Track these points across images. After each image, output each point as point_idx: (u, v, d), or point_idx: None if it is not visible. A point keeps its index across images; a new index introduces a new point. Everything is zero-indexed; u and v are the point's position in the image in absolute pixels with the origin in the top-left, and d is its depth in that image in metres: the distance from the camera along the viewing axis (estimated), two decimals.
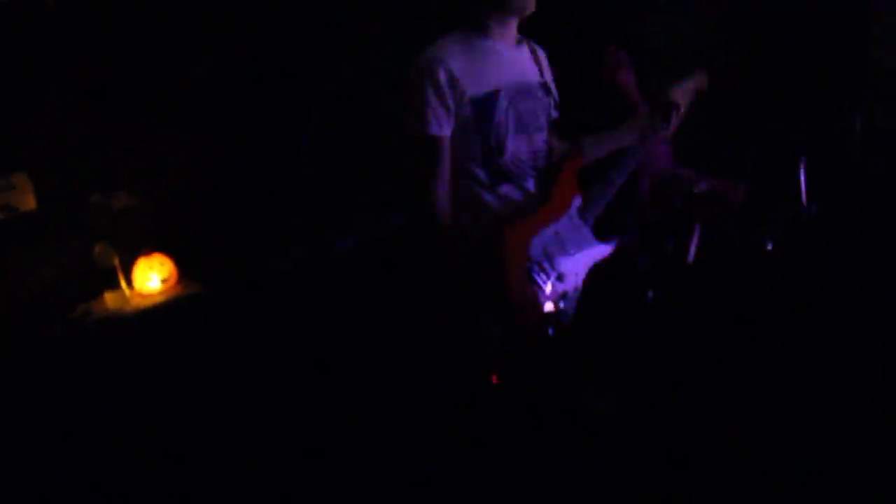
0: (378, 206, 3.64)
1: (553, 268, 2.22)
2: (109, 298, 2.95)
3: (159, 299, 2.98)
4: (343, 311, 3.29)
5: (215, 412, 2.88)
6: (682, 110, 2.38)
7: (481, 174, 2.15)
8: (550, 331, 2.23)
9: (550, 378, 2.46)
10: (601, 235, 2.36)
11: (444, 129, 2.05)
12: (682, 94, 2.38)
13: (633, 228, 3.32)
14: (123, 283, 2.98)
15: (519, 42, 2.23)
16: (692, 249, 3.31)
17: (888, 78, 3.60)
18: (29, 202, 2.91)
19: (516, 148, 2.15)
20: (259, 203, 3.47)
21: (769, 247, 3.38)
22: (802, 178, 3.24)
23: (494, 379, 2.30)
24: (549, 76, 2.32)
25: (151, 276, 3.03)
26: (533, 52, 2.28)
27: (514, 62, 2.18)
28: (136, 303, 2.95)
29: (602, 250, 2.35)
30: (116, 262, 2.95)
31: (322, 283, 3.31)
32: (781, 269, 3.37)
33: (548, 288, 2.20)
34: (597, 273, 2.36)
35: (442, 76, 2.00)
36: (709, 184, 3.37)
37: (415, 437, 2.81)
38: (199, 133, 3.33)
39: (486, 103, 2.07)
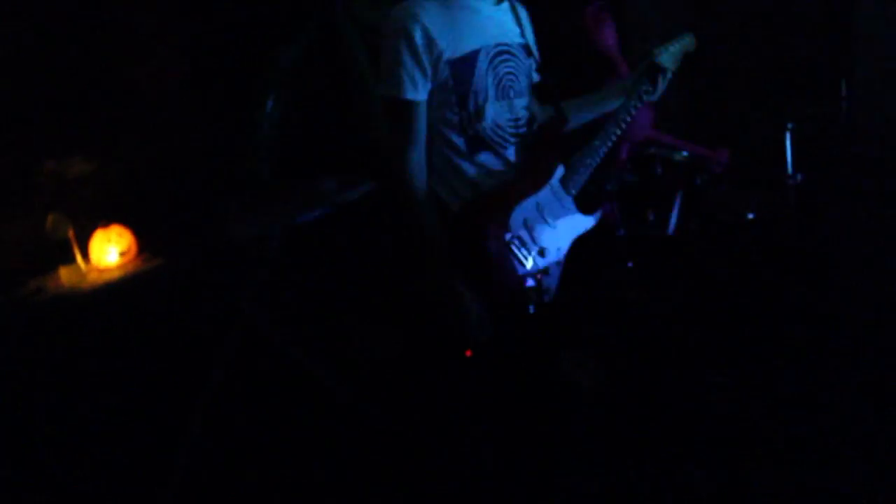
0: (346, 171, 3.49)
1: (534, 241, 2.10)
2: (64, 273, 2.77)
3: (118, 274, 2.81)
4: (309, 286, 3.16)
5: (183, 398, 2.75)
6: (670, 75, 2.26)
7: (459, 141, 2.02)
8: (531, 308, 2.13)
9: (528, 347, 2.37)
10: (585, 207, 2.25)
11: (419, 92, 1.92)
12: (670, 56, 2.25)
13: (612, 196, 3.22)
14: (79, 257, 2.81)
15: (499, 0, 2.09)
16: (673, 219, 3.22)
17: (869, 42, 3.52)
18: None
19: (496, 114, 2.03)
20: (220, 169, 3.31)
21: (751, 216, 3.29)
22: (788, 145, 3.15)
23: (468, 352, 2.20)
24: (530, 36, 2.20)
25: (109, 249, 2.86)
26: (514, 10, 2.15)
27: (494, 21, 2.05)
28: (94, 278, 2.78)
29: (586, 223, 2.24)
30: (71, 233, 2.77)
31: (285, 254, 3.18)
32: (764, 239, 3.29)
33: (529, 263, 2.09)
34: (579, 245, 2.26)
35: (418, 36, 1.86)
36: (690, 151, 3.28)
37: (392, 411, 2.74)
38: (158, 86, 3.15)
39: (465, 65, 1.94)
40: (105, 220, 2.90)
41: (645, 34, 3.03)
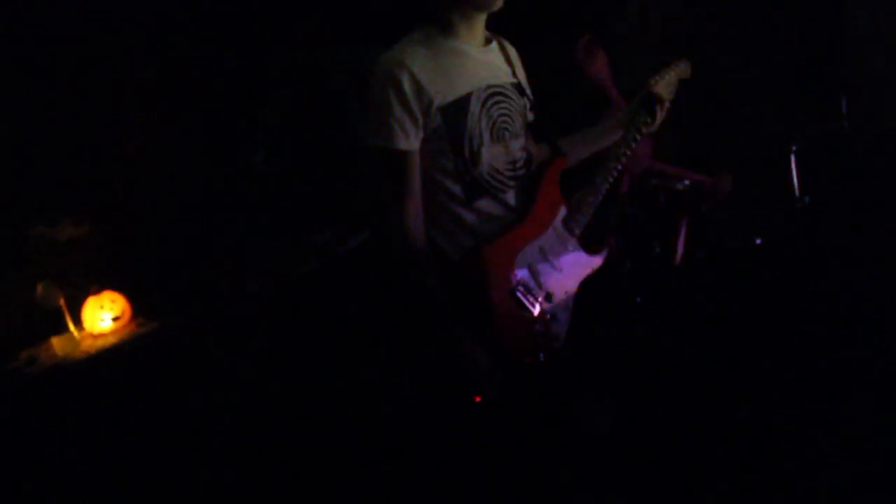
0: (342, 222, 3.43)
1: (540, 287, 2.02)
2: (57, 343, 2.70)
3: (112, 340, 2.73)
4: (312, 341, 3.09)
5: (182, 464, 2.66)
6: (667, 104, 2.18)
7: (455, 189, 1.94)
8: (541, 356, 2.04)
9: (541, 394, 2.28)
10: (590, 246, 2.16)
11: (411, 142, 1.84)
12: (666, 85, 2.17)
13: (615, 231, 3.15)
14: (71, 325, 2.74)
15: (487, 40, 2.02)
16: (679, 249, 3.14)
17: (866, 56, 3.47)
18: None
19: (492, 158, 1.95)
20: (214, 227, 3.25)
21: (758, 241, 3.21)
22: (794, 167, 3.07)
23: (477, 398, 2.10)
24: (521, 75, 2.13)
25: (102, 316, 2.79)
26: (503, 49, 2.08)
27: (483, 63, 1.98)
28: (87, 345, 2.71)
29: (592, 262, 2.16)
30: (62, 301, 2.71)
31: (286, 311, 3.10)
32: (774, 264, 3.21)
33: (536, 310, 2.00)
34: (586, 286, 2.17)
35: (406, 84, 1.80)
36: (692, 179, 3.22)
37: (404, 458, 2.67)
38: (146, 152, 3.10)
39: (457, 111, 1.87)
40: (97, 286, 2.84)
41: (637, 65, 2.96)
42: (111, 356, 2.67)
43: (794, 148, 3.06)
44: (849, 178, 3.36)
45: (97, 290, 2.82)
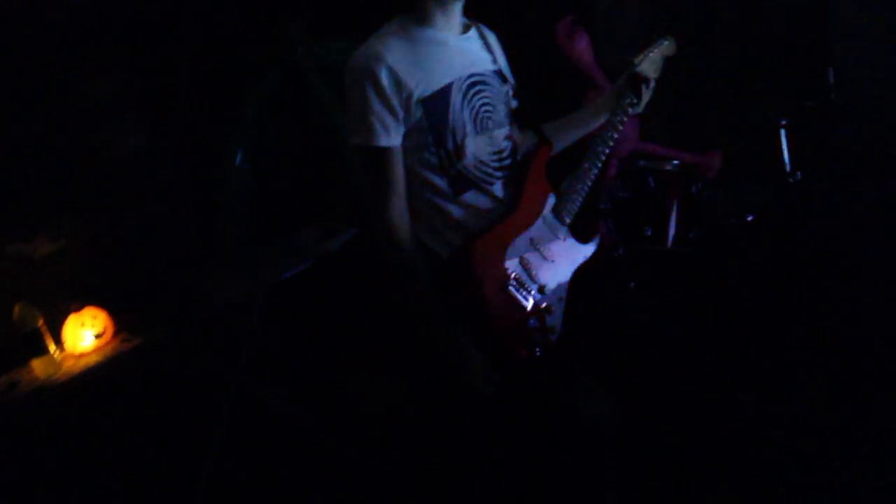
0: (326, 221, 3.35)
1: (533, 280, 1.96)
2: (37, 365, 2.60)
3: (96, 358, 2.64)
4: (300, 341, 3.02)
5: (175, 481, 2.59)
6: (653, 83, 2.11)
7: (441, 183, 1.88)
8: (538, 350, 1.98)
9: (539, 387, 2.22)
10: (582, 235, 2.10)
11: (392, 137, 1.78)
12: (650, 64, 2.10)
13: (606, 216, 3.09)
14: (52, 346, 2.64)
15: (465, 28, 1.96)
16: (671, 232, 3.08)
17: (847, 28, 3.41)
18: None
19: (477, 149, 1.88)
20: (195, 233, 3.17)
21: (751, 218, 3.15)
22: (784, 143, 3.01)
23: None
24: (503, 61, 2.06)
25: (84, 334, 2.69)
26: (482, 36, 2.01)
27: (462, 51, 1.91)
28: (70, 366, 2.61)
29: (585, 251, 2.09)
30: (41, 322, 2.61)
31: (275, 314, 3.03)
32: (768, 240, 3.15)
33: (529, 303, 1.94)
34: (579, 275, 2.11)
35: (384, 78, 1.73)
36: (681, 159, 3.15)
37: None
38: (122, 160, 3.01)
39: (438, 102, 1.80)
40: (77, 303, 2.74)
41: (619, 44, 2.89)
42: (96, 375, 2.57)
43: (783, 122, 3.00)
44: (839, 150, 3.30)
45: (77, 308, 2.72)
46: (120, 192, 3.04)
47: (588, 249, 2.10)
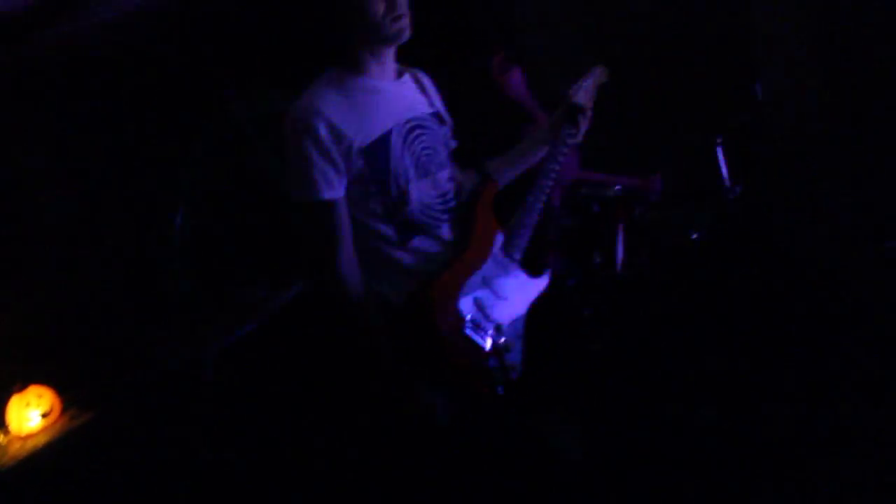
0: (274, 276, 3.30)
1: (489, 319, 1.94)
2: None
3: (43, 439, 2.54)
4: (262, 401, 2.95)
5: None
6: (589, 112, 2.13)
7: (387, 230, 1.87)
8: (500, 389, 1.96)
9: (504, 425, 2.20)
10: (533, 269, 2.09)
11: (336, 189, 1.76)
12: (585, 93, 2.13)
13: (554, 247, 3.10)
14: None
15: (399, 73, 1.96)
16: (619, 255, 3.11)
17: (771, 42, 3.51)
18: None
19: (421, 194, 1.88)
20: (140, 298, 3.08)
21: (694, 237, 3.20)
22: (721, 159, 3.08)
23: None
24: (439, 103, 2.06)
25: (30, 414, 2.59)
26: (417, 80, 2.01)
27: (398, 97, 1.91)
28: (16, 450, 2.51)
29: (538, 285, 2.08)
30: None
31: (228, 374, 2.95)
32: (714, 256, 3.20)
33: (487, 343, 1.92)
34: (534, 309, 2.10)
35: (322, 131, 1.71)
36: (623, 184, 3.19)
37: None
38: (57, 227, 2.93)
39: (378, 151, 1.79)
40: (20, 383, 2.63)
41: (552, 76, 2.93)
42: (44, 457, 2.47)
43: (718, 140, 3.07)
44: (773, 162, 3.38)
45: (21, 387, 2.62)
46: (55, 261, 2.95)
47: (541, 283, 2.10)
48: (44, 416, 2.61)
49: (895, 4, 3.02)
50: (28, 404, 2.60)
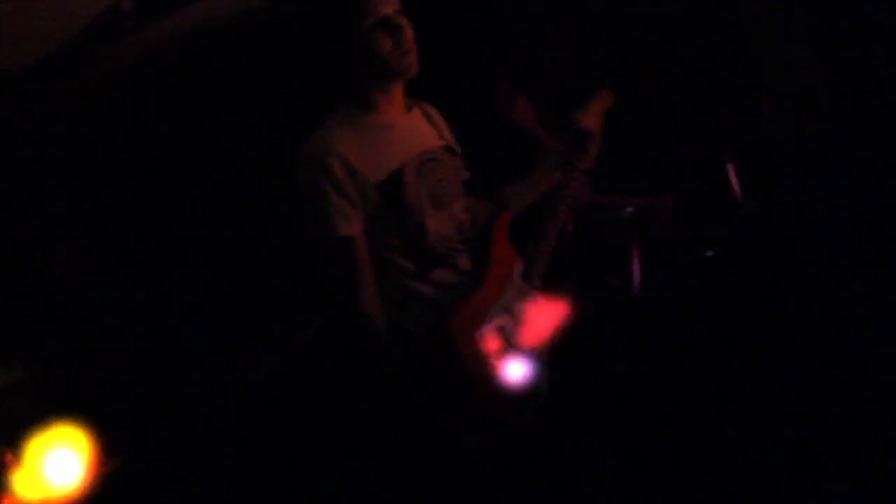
0: (294, 312, 3.31)
1: (512, 347, 1.94)
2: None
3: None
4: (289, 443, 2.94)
5: None
6: (597, 137, 2.15)
7: (407, 264, 1.88)
8: (528, 418, 1.95)
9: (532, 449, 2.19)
10: (553, 294, 2.10)
11: (353, 225, 1.79)
12: (592, 118, 2.15)
13: (571, 273, 3.10)
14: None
15: (409, 108, 1.98)
16: (636, 278, 3.11)
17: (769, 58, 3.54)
18: None
19: (438, 226, 1.90)
20: (161, 348, 3.10)
21: (710, 254, 3.20)
22: (733, 175, 3.09)
23: None
24: (448, 135, 2.08)
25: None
26: (426, 113, 2.05)
27: (409, 131, 1.94)
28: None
29: (559, 311, 2.09)
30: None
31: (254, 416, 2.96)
32: (730, 273, 3.19)
33: (512, 372, 1.92)
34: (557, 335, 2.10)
35: (337, 169, 1.74)
36: (635, 204, 3.20)
37: None
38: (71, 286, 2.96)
39: (393, 186, 1.82)
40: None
41: (560, 102, 2.96)
42: None
43: (728, 156, 3.09)
44: (783, 175, 3.38)
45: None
46: (77, 317, 2.98)
47: (562, 308, 2.10)
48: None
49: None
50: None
